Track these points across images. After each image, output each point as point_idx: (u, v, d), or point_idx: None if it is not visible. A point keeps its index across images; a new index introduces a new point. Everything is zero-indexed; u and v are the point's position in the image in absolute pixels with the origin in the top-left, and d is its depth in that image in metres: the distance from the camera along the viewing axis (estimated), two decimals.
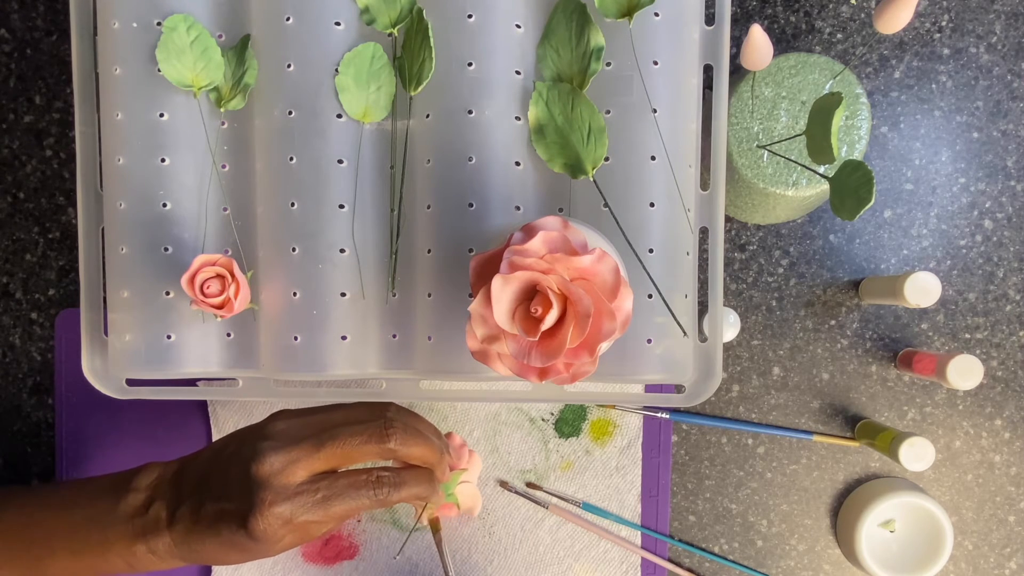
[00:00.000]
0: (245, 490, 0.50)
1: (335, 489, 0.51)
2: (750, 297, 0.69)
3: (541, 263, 0.45)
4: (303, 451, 0.51)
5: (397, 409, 0.54)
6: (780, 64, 0.61)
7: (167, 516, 0.52)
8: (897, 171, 0.69)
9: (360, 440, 0.51)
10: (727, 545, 0.70)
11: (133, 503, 0.53)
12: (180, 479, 0.54)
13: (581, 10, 0.54)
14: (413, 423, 0.54)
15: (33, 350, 0.72)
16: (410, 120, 0.57)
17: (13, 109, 0.71)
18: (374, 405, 0.54)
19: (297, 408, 0.55)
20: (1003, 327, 0.68)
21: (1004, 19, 0.68)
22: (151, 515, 0.52)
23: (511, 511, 0.70)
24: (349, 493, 0.51)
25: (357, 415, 0.53)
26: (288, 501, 0.49)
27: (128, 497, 0.53)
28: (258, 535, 0.49)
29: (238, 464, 0.51)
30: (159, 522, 0.52)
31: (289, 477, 0.50)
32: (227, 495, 0.51)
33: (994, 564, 0.69)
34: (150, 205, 0.57)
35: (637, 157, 0.54)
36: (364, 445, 0.51)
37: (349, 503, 0.51)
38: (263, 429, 0.53)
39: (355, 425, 0.52)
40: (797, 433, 0.69)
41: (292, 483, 0.50)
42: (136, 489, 0.54)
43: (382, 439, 0.51)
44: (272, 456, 0.50)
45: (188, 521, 0.51)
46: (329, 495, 0.50)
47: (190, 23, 0.56)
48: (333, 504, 0.50)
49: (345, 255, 0.57)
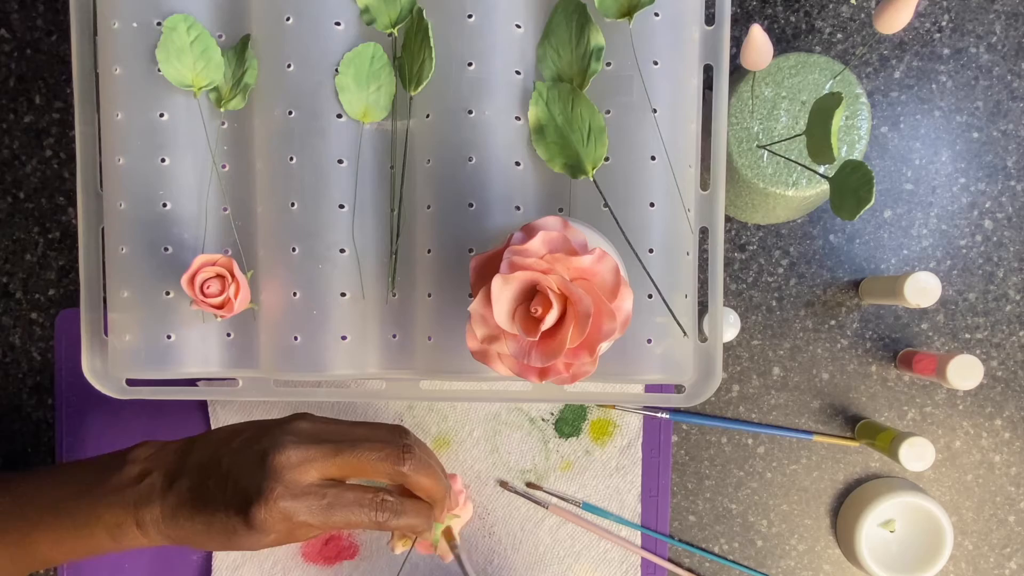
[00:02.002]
0: (255, 476, 0.50)
1: (341, 500, 0.51)
2: (750, 297, 0.69)
3: (541, 263, 0.45)
4: (321, 452, 0.51)
5: (415, 438, 0.55)
6: (780, 64, 0.61)
7: (162, 487, 0.52)
8: (897, 171, 0.69)
9: (377, 457, 0.52)
10: (727, 545, 0.70)
11: (128, 474, 0.53)
12: (186, 453, 0.54)
13: (581, 10, 0.54)
14: (423, 454, 0.54)
15: (33, 350, 0.72)
16: (410, 120, 0.57)
17: (13, 109, 0.71)
18: (394, 427, 0.55)
19: (317, 415, 0.56)
20: (1003, 327, 0.68)
21: (1004, 19, 0.68)
22: (144, 485, 0.53)
23: (511, 511, 0.70)
24: (352, 508, 0.51)
25: (378, 433, 0.54)
26: (294, 498, 0.50)
27: (124, 469, 0.54)
28: (255, 523, 0.49)
29: (254, 449, 0.52)
30: (152, 492, 0.52)
31: (301, 475, 0.50)
32: (235, 476, 0.51)
33: (994, 564, 0.69)
34: (150, 205, 0.57)
35: (637, 157, 0.54)
36: (380, 462, 0.52)
37: (349, 517, 0.51)
38: (285, 424, 0.53)
39: (375, 442, 0.53)
40: (797, 433, 0.69)
41: (302, 481, 0.50)
42: (132, 461, 0.54)
43: (398, 461, 0.52)
44: (291, 450, 0.51)
45: (184, 495, 0.52)
46: (334, 504, 0.51)
47: (190, 23, 0.56)
48: (334, 514, 0.51)
49: (345, 255, 0.57)
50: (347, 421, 0.56)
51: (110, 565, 0.71)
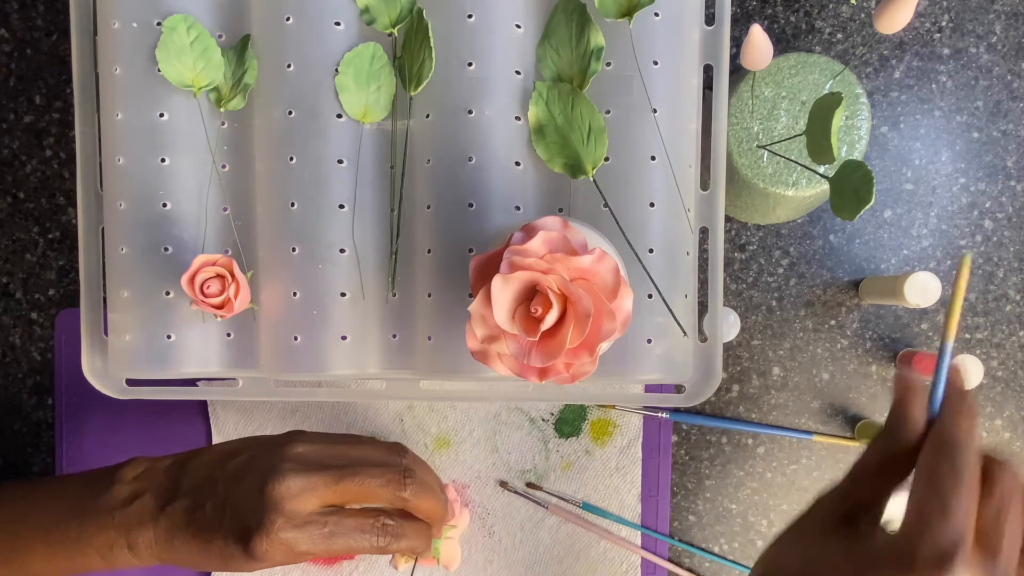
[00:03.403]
0: (255, 506, 0.49)
1: (342, 527, 0.51)
2: (750, 297, 0.69)
3: (541, 263, 0.45)
4: (322, 481, 0.51)
5: (413, 457, 0.55)
6: (780, 64, 0.61)
7: (154, 509, 0.51)
8: (897, 171, 0.69)
9: (378, 483, 0.52)
10: (727, 545, 0.70)
11: (117, 495, 0.53)
12: (178, 474, 0.53)
13: (581, 10, 0.54)
14: (423, 475, 0.54)
15: (33, 350, 0.72)
16: (410, 120, 0.57)
17: (13, 109, 0.71)
18: (391, 446, 0.55)
19: (312, 432, 0.55)
20: (1003, 327, 0.68)
21: (1004, 19, 0.68)
22: (135, 507, 0.52)
23: (511, 511, 0.70)
24: (354, 535, 0.51)
25: (377, 454, 0.54)
26: (296, 529, 0.49)
27: (112, 489, 0.53)
28: (257, 555, 0.49)
29: (252, 477, 0.51)
30: (144, 515, 0.51)
31: (302, 504, 0.50)
32: (233, 504, 0.50)
33: None
34: (150, 205, 0.57)
35: (637, 157, 0.54)
36: (381, 489, 0.52)
37: (351, 544, 0.51)
38: (281, 449, 0.52)
39: (374, 467, 0.52)
40: (797, 433, 0.69)
41: (303, 511, 0.50)
42: (121, 481, 0.53)
43: (399, 487, 0.52)
44: (291, 479, 0.50)
45: (179, 519, 0.51)
46: (335, 532, 0.50)
47: (190, 23, 0.56)
48: (336, 541, 0.50)
49: (345, 255, 0.57)
50: (344, 439, 0.55)
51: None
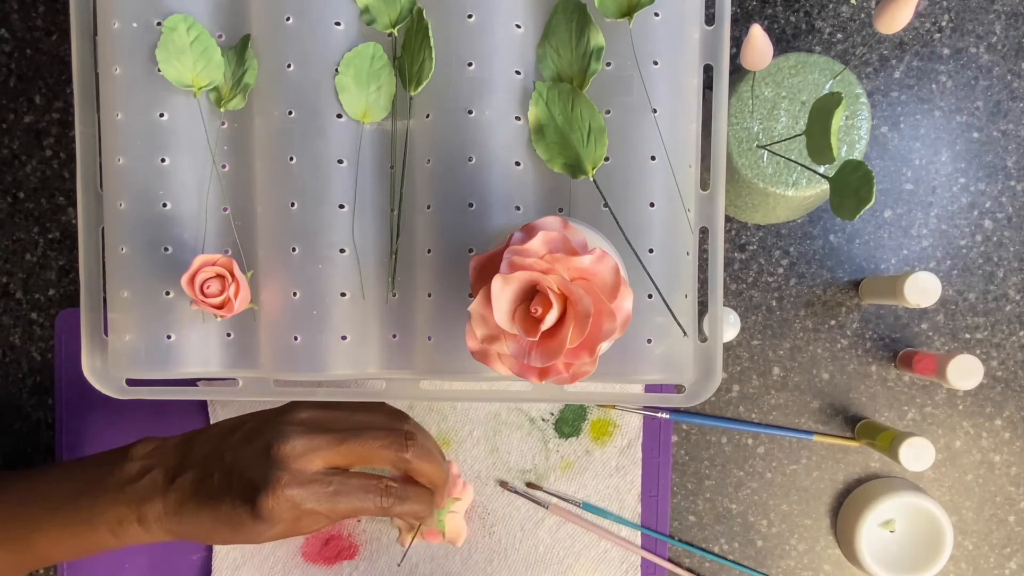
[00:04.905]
0: (261, 466, 0.50)
1: (346, 487, 0.52)
2: (750, 297, 0.69)
3: (541, 263, 0.45)
4: (325, 441, 0.52)
5: (414, 423, 0.56)
6: (780, 64, 0.61)
7: (163, 482, 0.52)
8: (897, 171, 0.69)
9: (381, 444, 0.53)
10: (727, 545, 0.70)
11: (128, 471, 0.54)
12: (187, 448, 0.54)
13: (581, 10, 0.54)
14: (423, 439, 0.55)
15: (33, 350, 0.72)
16: (410, 120, 0.57)
17: (13, 109, 0.71)
18: (392, 412, 0.56)
19: (313, 400, 0.56)
20: (1003, 327, 0.68)
21: (1004, 19, 0.68)
22: (145, 481, 0.53)
23: (511, 511, 0.70)
24: (358, 494, 0.52)
25: (379, 419, 0.55)
26: (301, 486, 0.50)
27: (123, 466, 0.54)
28: (263, 513, 0.50)
29: (258, 441, 0.52)
30: (154, 489, 0.52)
31: (307, 463, 0.51)
32: (240, 468, 0.51)
33: (994, 564, 0.69)
34: (150, 205, 0.57)
35: (637, 157, 0.54)
36: (383, 450, 0.53)
37: (355, 503, 0.52)
38: (286, 414, 0.54)
39: (377, 429, 0.53)
40: (797, 433, 0.69)
41: (308, 470, 0.51)
42: (131, 458, 0.55)
43: (401, 448, 0.53)
44: (296, 439, 0.51)
45: (188, 490, 0.52)
46: (340, 490, 0.51)
47: (190, 23, 0.56)
48: (340, 500, 0.51)
49: (345, 255, 0.57)
50: (345, 405, 0.56)
51: (110, 565, 0.71)
